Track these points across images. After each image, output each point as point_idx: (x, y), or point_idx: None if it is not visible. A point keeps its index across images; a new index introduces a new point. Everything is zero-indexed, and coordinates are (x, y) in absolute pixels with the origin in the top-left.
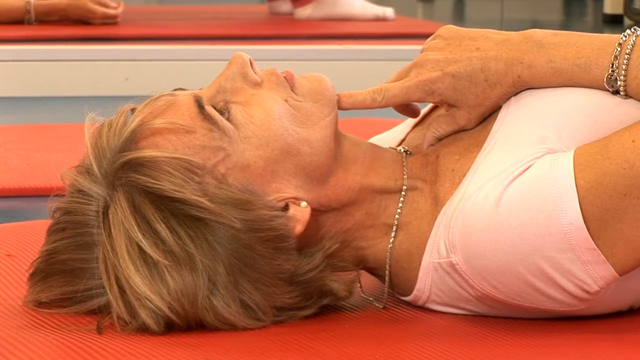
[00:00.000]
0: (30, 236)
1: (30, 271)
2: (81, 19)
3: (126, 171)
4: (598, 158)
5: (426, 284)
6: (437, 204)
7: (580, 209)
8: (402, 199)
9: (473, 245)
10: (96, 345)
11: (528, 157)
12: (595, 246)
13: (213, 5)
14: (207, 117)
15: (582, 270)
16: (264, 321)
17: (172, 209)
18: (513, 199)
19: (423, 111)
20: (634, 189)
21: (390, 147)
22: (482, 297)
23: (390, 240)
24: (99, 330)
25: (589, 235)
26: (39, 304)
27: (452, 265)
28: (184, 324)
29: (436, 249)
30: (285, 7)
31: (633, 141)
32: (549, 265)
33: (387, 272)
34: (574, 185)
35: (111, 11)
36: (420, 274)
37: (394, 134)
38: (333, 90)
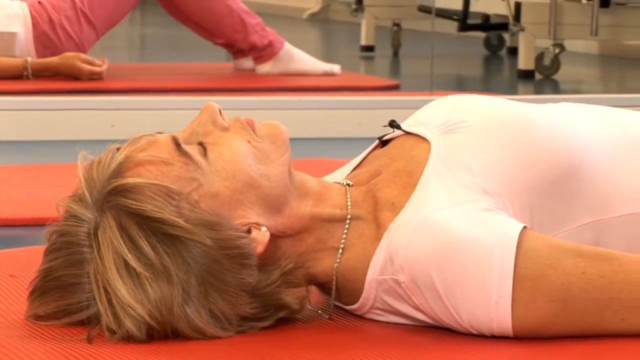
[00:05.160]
0: (29, 259)
1: (30, 289)
2: (71, 75)
3: (114, 196)
4: (545, 263)
5: (371, 294)
6: (380, 228)
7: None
8: (347, 226)
9: (420, 271)
10: (86, 353)
11: (467, 196)
12: (510, 328)
13: (187, 63)
14: (183, 152)
15: (488, 330)
16: (229, 330)
17: (153, 228)
18: (455, 249)
19: (362, 154)
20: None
21: (334, 182)
22: (419, 309)
23: (337, 259)
24: (89, 340)
25: (510, 317)
26: (38, 318)
27: (398, 283)
28: (162, 331)
29: (380, 266)
30: (248, 64)
31: (583, 273)
32: (467, 317)
33: (333, 285)
34: (512, 269)
35: (97, 69)
36: (366, 286)
37: (340, 173)
38: (286, 134)
